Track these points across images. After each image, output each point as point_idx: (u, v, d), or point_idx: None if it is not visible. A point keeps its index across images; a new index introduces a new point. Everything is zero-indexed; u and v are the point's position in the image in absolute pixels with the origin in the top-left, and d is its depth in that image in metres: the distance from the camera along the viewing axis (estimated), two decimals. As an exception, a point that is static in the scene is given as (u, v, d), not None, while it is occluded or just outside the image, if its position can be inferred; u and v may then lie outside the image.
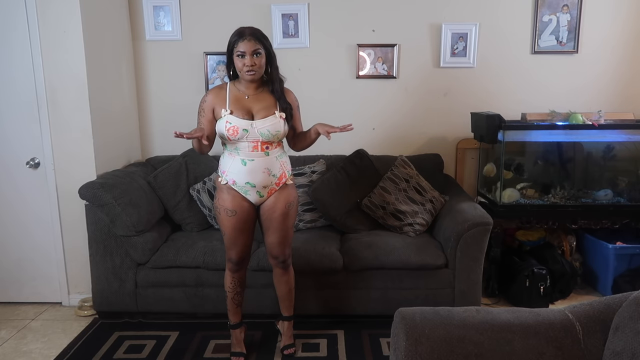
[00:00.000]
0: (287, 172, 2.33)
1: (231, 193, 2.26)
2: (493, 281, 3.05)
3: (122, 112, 3.30)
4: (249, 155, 2.22)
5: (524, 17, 3.35)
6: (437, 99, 3.46)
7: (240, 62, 2.15)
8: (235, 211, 2.26)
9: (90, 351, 2.52)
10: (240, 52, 2.14)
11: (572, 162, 3.32)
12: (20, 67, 2.84)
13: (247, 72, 2.16)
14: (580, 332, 1.35)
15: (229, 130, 2.18)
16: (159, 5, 3.37)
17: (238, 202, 2.26)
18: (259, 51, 2.16)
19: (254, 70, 2.16)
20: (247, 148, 2.22)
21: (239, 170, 2.23)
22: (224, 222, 2.29)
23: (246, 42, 2.14)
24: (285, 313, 2.52)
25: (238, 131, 2.18)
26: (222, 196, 2.27)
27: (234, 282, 2.38)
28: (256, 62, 2.15)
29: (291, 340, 2.50)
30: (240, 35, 2.16)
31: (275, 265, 2.42)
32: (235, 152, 2.24)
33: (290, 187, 2.34)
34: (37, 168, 2.95)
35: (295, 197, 2.38)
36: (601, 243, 3.06)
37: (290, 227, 2.38)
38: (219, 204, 2.29)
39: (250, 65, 2.14)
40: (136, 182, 2.88)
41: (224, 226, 2.30)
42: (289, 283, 2.45)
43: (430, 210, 2.98)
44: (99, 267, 2.75)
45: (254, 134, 2.20)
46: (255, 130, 2.19)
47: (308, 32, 3.38)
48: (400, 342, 1.34)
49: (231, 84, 2.29)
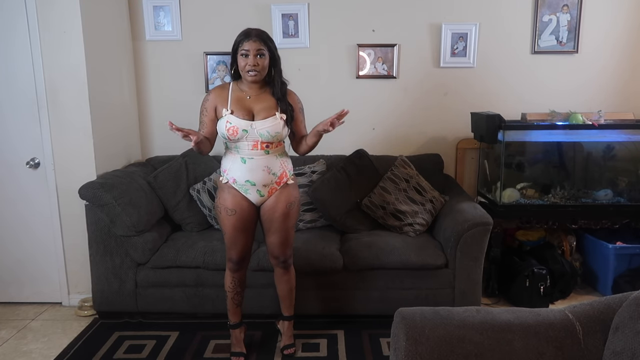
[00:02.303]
0: (288, 171, 2.33)
1: (232, 192, 2.26)
2: (493, 281, 3.05)
3: (122, 112, 3.30)
4: (249, 153, 2.23)
5: (524, 17, 3.35)
6: (437, 99, 3.46)
7: (244, 61, 2.17)
8: (235, 210, 2.26)
9: (90, 351, 2.52)
10: (245, 51, 2.16)
11: (572, 162, 3.32)
12: (20, 67, 2.84)
13: (248, 71, 2.17)
14: (580, 332, 1.35)
15: (228, 130, 2.19)
16: (159, 5, 3.37)
17: (238, 202, 2.27)
18: (263, 52, 2.18)
19: (256, 70, 2.17)
20: (247, 147, 2.23)
21: (239, 168, 2.24)
22: (224, 221, 2.30)
23: (251, 42, 2.15)
24: (285, 313, 2.52)
25: (237, 131, 2.19)
26: (222, 195, 2.28)
27: (234, 282, 2.38)
28: (259, 62, 2.17)
29: (291, 340, 2.50)
30: (246, 35, 2.18)
31: (276, 265, 2.42)
32: (236, 150, 2.25)
33: (291, 186, 2.34)
34: (37, 168, 2.95)
35: (297, 197, 2.38)
36: (601, 243, 3.06)
37: (292, 227, 2.38)
38: (219, 203, 2.30)
39: (252, 65, 2.15)
40: (136, 182, 2.88)
41: (224, 225, 2.31)
42: (289, 283, 2.45)
43: (430, 210, 2.98)
44: (99, 267, 2.75)
45: (253, 134, 2.20)
46: (255, 130, 2.20)
47: (308, 32, 3.38)
48: (400, 342, 1.34)
49: (234, 84, 2.29)
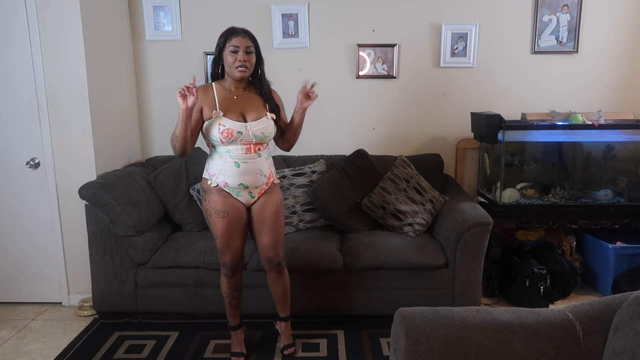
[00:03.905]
0: (273, 171, 2.35)
1: (222, 194, 2.22)
2: (493, 281, 3.05)
3: (122, 112, 3.30)
4: (243, 157, 2.19)
5: (524, 17, 3.35)
6: (437, 99, 3.46)
7: (232, 57, 2.13)
8: (227, 212, 2.22)
9: (90, 351, 2.52)
10: (234, 47, 2.13)
11: (572, 162, 3.32)
12: (20, 67, 2.84)
13: (238, 67, 2.14)
14: (580, 332, 1.35)
15: (222, 133, 2.14)
16: (159, 5, 3.37)
17: (230, 202, 2.23)
18: (251, 49, 2.17)
19: (245, 66, 2.14)
20: (240, 150, 2.19)
21: (232, 173, 2.20)
22: (215, 224, 2.23)
23: (240, 38, 2.14)
24: (282, 314, 2.50)
25: (233, 134, 2.15)
26: (212, 198, 2.23)
27: (230, 287, 2.36)
28: (248, 59, 2.15)
29: (290, 340, 2.50)
30: (233, 32, 2.16)
31: (270, 270, 2.38)
32: (227, 154, 2.19)
33: (277, 186, 2.36)
34: (37, 168, 2.95)
35: (282, 197, 2.40)
36: (601, 243, 3.06)
37: (283, 226, 2.37)
38: (209, 206, 2.23)
39: (243, 60, 2.13)
40: (136, 182, 2.88)
41: (215, 229, 2.25)
42: (284, 285, 2.43)
43: (430, 210, 2.98)
44: (99, 267, 2.75)
45: (247, 136, 2.18)
46: (250, 132, 2.18)
47: (308, 32, 3.38)
48: (400, 342, 1.34)
49: (217, 84, 2.25)
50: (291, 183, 3.08)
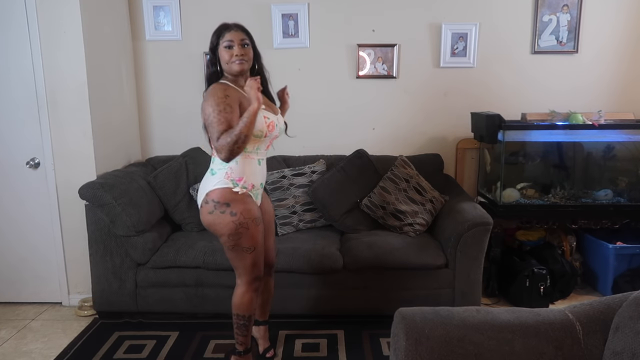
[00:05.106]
0: None
1: (249, 200, 2.05)
2: (493, 281, 3.05)
3: (122, 112, 3.30)
4: (264, 154, 2.12)
5: (524, 17, 3.35)
6: (437, 99, 3.46)
7: (228, 53, 2.00)
8: (261, 217, 2.09)
9: (90, 351, 2.52)
10: (228, 42, 1.99)
11: (572, 162, 3.32)
12: (20, 67, 2.84)
13: (235, 61, 2.00)
14: (580, 332, 1.35)
15: (269, 126, 2.02)
16: (159, 5, 3.37)
17: (259, 207, 2.11)
18: (247, 42, 2.03)
19: (243, 59, 2.01)
20: (264, 146, 2.10)
21: (255, 172, 2.06)
22: (254, 236, 2.02)
23: (233, 33, 2.01)
24: (263, 318, 2.46)
25: (274, 125, 2.04)
26: (245, 207, 2.00)
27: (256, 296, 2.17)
28: (245, 52, 2.02)
29: (269, 342, 2.47)
30: (225, 27, 2.03)
31: (266, 274, 2.28)
32: (255, 152, 2.05)
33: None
34: (37, 168, 2.95)
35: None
36: (601, 243, 3.06)
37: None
38: (244, 217, 1.98)
39: (240, 54, 2.00)
40: (136, 182, 2.88)
41: (254, 240, 2.03)
42: (272, 289, 2.42)
43: (430, 210, 2.98)
44: (99, 267, 2.75)
45: (279, 129, 2.13)
46: (280, 124, 2.14)
47: (308, 32, 3.38)
48: (400, 342, 1.34)
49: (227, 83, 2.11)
50: (291, 183, 3.07)
